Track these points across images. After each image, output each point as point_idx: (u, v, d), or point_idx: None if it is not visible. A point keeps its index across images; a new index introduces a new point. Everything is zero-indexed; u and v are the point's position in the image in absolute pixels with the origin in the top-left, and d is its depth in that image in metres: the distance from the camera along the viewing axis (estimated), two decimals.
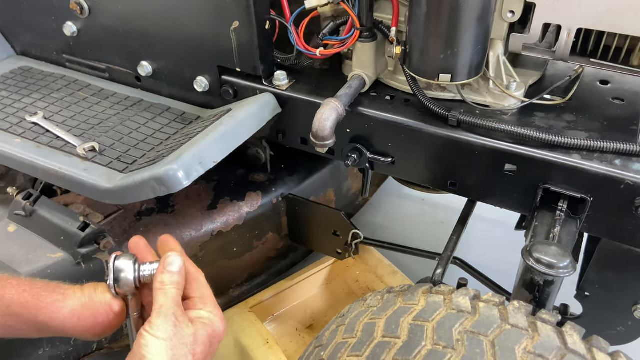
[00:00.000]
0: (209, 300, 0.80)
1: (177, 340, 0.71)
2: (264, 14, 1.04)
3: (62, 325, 0.78)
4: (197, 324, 0.76)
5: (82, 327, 0.78)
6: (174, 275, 0.77)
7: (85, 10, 1.23)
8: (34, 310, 0.77)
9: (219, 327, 0.78)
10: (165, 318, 0.72)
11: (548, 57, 0.95)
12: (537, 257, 0.77)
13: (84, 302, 0.78)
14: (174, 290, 0.76)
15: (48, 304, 0.77)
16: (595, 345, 0.71)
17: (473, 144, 0.93)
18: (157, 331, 0.70)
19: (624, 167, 0.84)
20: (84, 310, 0.78)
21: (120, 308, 0.79)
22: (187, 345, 0.72)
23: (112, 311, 0.79)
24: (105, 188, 1.01)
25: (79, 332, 0.79)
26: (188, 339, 0.73)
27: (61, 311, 0.77)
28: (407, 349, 0.71)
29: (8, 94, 1.31)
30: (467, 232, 1.19)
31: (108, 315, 0.78)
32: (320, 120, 0.92)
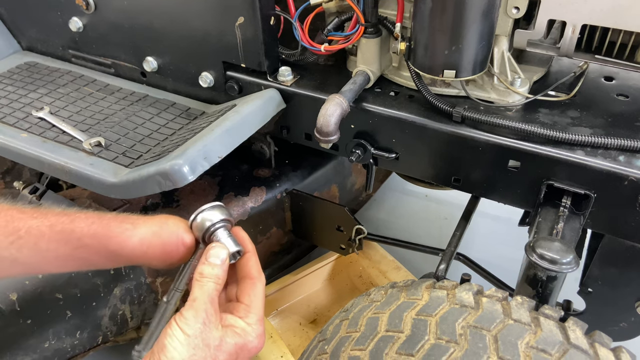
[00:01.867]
0: (254, 312, 0.76)
1: (201, 340, 0.69)
2: (268, 9, 1.04)
3: (131, 253, 0.77)
4: (228, 331, 0.73)
5: (152, 255, 0.78)
6: (215, 268, 0.74)
7: (91, 6, 1.23)
8: (105, 240, 0.77)
9: (252, 343, 0.74)
10: (196, 313, 0.70)
11: (553, 53, 0.95)
12: (540, 252, 0.78)
13: (154, 230, 0.77)
14: (211, 285, 0.73)
15: (118, 233, 0.77)
16: (598, 340, 0.72)
17: (477, 140, 0.93)
18: (185, 325, 0.69)
19: (628, 163, 0.84)
20: (154, 239, 0.77)
21: (191, 242, 0.78)
22: (210, 348, 0.70)
23: (182, 243, 0.78)
24: (111, 182, 1.01)
25: (147, 259, 0.78)
26: (213, 342, 0.70)
27: (131, 239, 0.76)
28: (410, 343, 0.72)
29: (14, 88, 1.32)
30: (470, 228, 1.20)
31: (178, 246, 0.78)
32: (325, 116, 0.92)
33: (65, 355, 1.23)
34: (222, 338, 0.71)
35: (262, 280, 0.80)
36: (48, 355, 1.19)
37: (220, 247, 0.77)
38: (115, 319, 1.27)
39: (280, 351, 1.25)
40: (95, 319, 1.24)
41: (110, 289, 1.24)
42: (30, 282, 1.13)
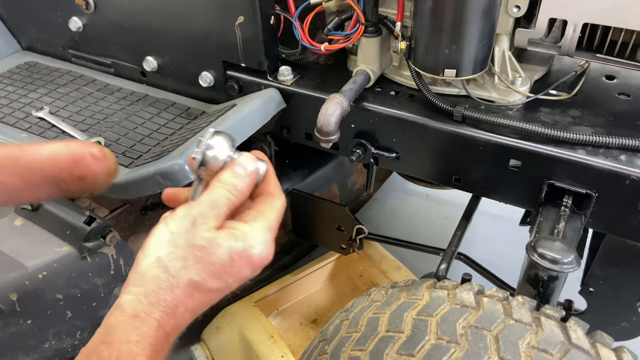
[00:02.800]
0: (263, 218, 0.66)
1: (184, 239, 0.61)
2: (268, 9, 1.04)
3: (42, 165, 0.75)
4: (223, 234, 0.62)
5: (61, 165, 0.75)
6: (236, 177, 0.65)
7: (91, 6, 1.23)
8: (17, 159, 0.76)
9: (254, 249, 0.63)
10: (187, 212, 0.62)
11: (554, 52, 0.95)
12: (541, 252, 0.77)
13: (64, 144, 0.76)
14: (222, 191, 0.64)
15: (30, 150, 0.76)
16: (599, 340, 0.71)
17: (478, 139, 0.93)
18: (171, 221, 0.62)
19: (630, 162, 0.83)
20: (63, 149, 0.75)
21: (100, 153, 0.75)
22: (194, 249, 0.60)
23: (90, 153, 0.74)
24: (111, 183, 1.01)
25: (57, 171, 0.76)
26: (200, 242, 0.61)
27: (41, 152, 0.75)
28: (410, 344, 0.72)
29: (14, 88, 1.32)
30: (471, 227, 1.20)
31: (85, 156, 0.74)
32: (325, 115, 0.92)
33: (66, 356, 1.23)
34: (212, 239, 0.61)
35: (281, 198, 0.69)
36: (48, 355, 1.19)
37: (250, 158, 0.67)
38: None
39: (280, 351, 1.25)
40: (95, 319, 1.24)
41: (111, 289, 1.24)
42: (30, 282, 1.13)
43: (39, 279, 1.13)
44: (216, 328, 1.37)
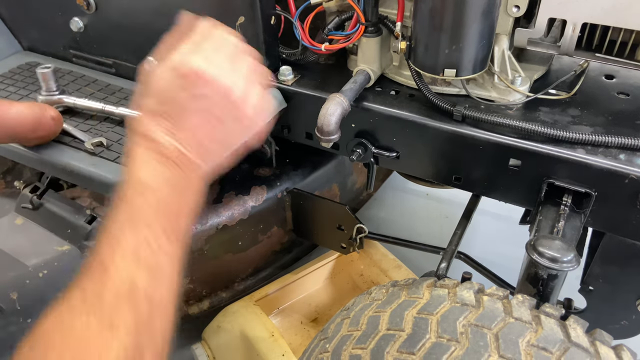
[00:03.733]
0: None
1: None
2: (269, 9, 1.04)
3: (10, 123, 0.96)
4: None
5: (26, 123, 0.98)
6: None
7: (92, 6, 1.23)
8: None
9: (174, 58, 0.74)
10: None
11: (553, 51, 0.95)
12: (541, 251, 0.78)
13: (28, 105, 0.99)
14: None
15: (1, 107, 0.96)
16: (599, 338, 0.72)
17: (478, 138, 0.93)
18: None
19: (629, 161, 0.84)
20: (27, 110, 0.98)
21: (57, 114, 1.04)
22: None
23: (50, 115, 1.02)
24: (113, 182, 1.01)
25: (23, 129, 0.99)
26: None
27: (10, 111, 0.96)
28: (411, 342, 0.72)
29: (16, 89, 1.32)
30: (471, 226, 1.20)
31: (46, 117, 1.01)
32: (326, 115, 0.93)
33: None
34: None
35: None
36: None
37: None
38: None
39: (281, 350, 1.25)
40: None
41: None
42: (30, 281, 1.13)
43: (40, 278, 1.13)
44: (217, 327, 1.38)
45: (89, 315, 0.57)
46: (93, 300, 0.59)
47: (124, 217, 0.65)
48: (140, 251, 0.62)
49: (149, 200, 0.66)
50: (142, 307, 0.60)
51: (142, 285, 0.61)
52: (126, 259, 0.61)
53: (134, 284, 0.60)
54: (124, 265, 0.61)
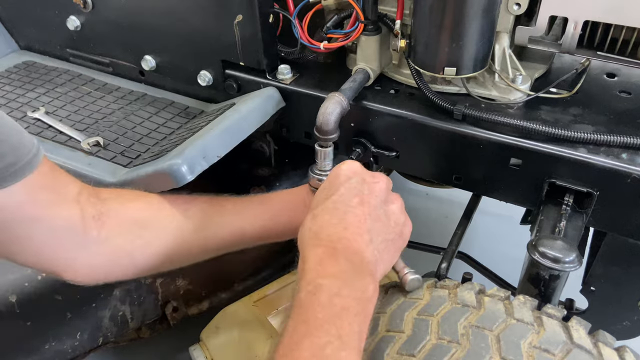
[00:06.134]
0: None
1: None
2: (267, 7, 1.03)
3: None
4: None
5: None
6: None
7: (89, 4, 1.23)
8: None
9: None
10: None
11: (554, 50, 0.94)
12: (542, 251, 0.77)
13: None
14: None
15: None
16: (601, 339, 0.71)
17: (478, 137, 0.92)
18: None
19: (631, 161, 0.83)
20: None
21: None
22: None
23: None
24: (109, 182, 1.01)
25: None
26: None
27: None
28: (411, 344, 0.71)
29: (12, 88, 1.32)
30: (471, 226, 1.19)
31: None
32: (324, 114, 0.92)
33: (66, 357, 1.22)
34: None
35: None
36: (48, 357, 1.19)
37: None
38: (115, 320, 1.27)
39: None
40: (95, 320, 1.24)
41: (110, 290, 1.24)
42: (29, 284, 1.12)
43: (38, 281, 1.13)
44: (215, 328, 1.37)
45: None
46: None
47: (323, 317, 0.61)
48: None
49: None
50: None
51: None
52: None
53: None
54: None
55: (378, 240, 0.73)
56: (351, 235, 0.70)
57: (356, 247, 0.69)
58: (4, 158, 0.67)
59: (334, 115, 0.92)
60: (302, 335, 0.59)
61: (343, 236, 0.70)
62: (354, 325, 0.61)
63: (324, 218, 0.72)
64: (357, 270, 0.67)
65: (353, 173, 0.78)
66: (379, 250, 0.73)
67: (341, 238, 0.69)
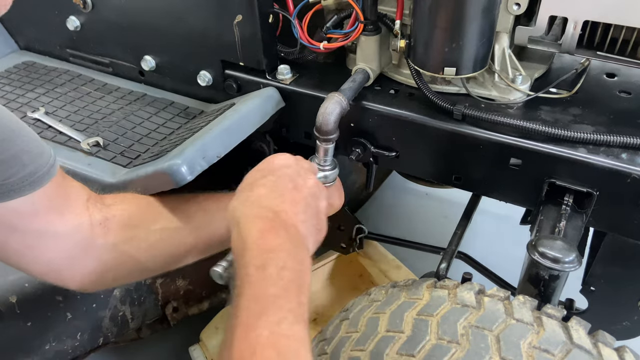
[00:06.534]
0: None
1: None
2: (267, 7, 1.03)
3: None
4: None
5: None
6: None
7: (89, 5, 1.23)
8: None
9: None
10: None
11: (554, 50, 0.94)
12: (542, 251, 0.77)
13: None
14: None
15: None
16: (601, 340, 0.71)
17: (478, 137, 0.92)
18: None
19: (631, 161, 0.83)
20: None
21: None
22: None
23: None
24: (109, 183, 1.01)
25: None
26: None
27: None
28: (411, 344, 0.71)
29: (12, 88, 1.32)
30: (471, 226, 1.19)
31: None
32: (324, 114, 0.92)
33: (66, 357, 1.22)
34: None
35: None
36: (49, 357, 1.19)
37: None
38: (115, 320, 1.27)
39: None
40: (95, 320, 1.24)
41: (110, 291, 1.24)
42: (29, 284, 1.12)
43: (39, 281, 1.13)
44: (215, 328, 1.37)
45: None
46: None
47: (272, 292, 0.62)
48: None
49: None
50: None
51: None
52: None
53: None
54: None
55: (309, 223, 0.75)
56: (289, 208, 0.72)
57: (292, 221, 0.72)
58: (26, 167, 0.69)
59: (334, 115, 0.92)
60: (257, 314, 0.59)
61: (282, 209, 0.72)
62: (300, 297, 0.63)
63: (262, 191, 0.75)
64: (294, 242, 0.69)
65: (289, 164, 0.81)
66: (309, 232, 0.75)
67: (280, 210, 0.71)
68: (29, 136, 0.71)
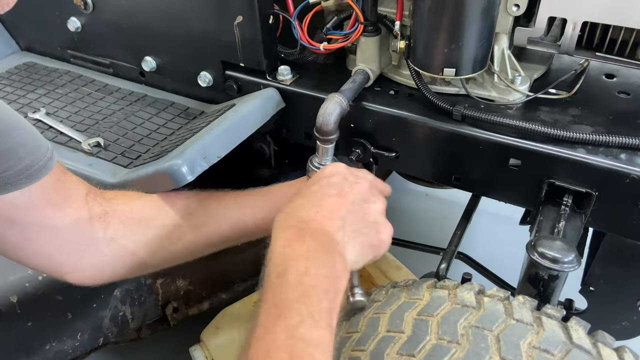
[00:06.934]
0: None
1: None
2: (267, 8, 1.03)
3: None
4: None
5: None
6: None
7: (89, 6, 1.23)
8: None
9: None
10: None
11: (553, 50, 0.94)
12: (541, 251, 0.77)
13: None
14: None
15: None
16: (601, 340, 0.71)
17: (477, 138, 0.92)
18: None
19: (630, 161, 0.83)
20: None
21: None
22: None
23: None
24: (110, 183, 1.01)
25: None
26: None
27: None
28: (411, 344, 0.71)
29: (13, 89, 1.32)
30: (471, 226, 1.19)
31: None
32: (324, 115, 0.92)
33: (67, 357, 1.22)
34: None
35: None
36: (49, 357, 1.19)
37: None
38: (116, 321, 1.27)
39: None
40: (96, 320, 1.24)
41: (111, 291, 1.24)
42: (30, 284, 1.13)
43: (39, 281, 1.13)
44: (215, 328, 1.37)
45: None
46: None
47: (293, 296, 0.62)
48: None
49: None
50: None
51: None
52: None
53: None
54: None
55: (350, 228, 0.74)
56: (322, 219, 0.72)
57: (325, 229, 0.71)
58: (22, 161, 0.69)
59: (334, 115, 0.92)
60: (275, 318, 0.60)
61: (314, 218, 0.72)
62: (323, 303, 0.63)
63: (299, 202, 0.75)
64: (324, 248, 0.69)
65: (337, 172, 0.81)
66: (349, 237, 0.74)
67: (312, 220, 0.71)
68: (25, 129, 0.71)
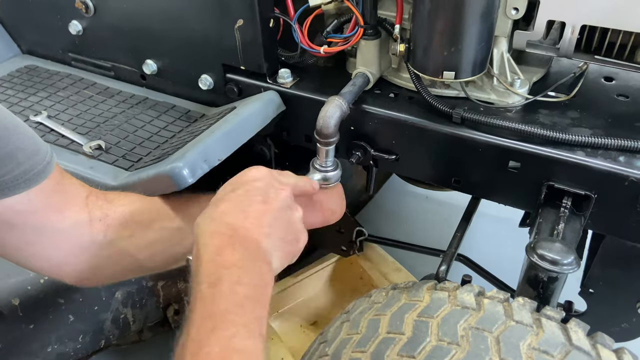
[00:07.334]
0: None
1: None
2: (268, 12, 1.04)
3: None
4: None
5: None
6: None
7: (91, 9, 1.23)
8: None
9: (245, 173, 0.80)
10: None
11: (552, 54, 0.95)
12: (541, 253, 0.77)
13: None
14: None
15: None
16: (600, 341, 0.71)
17: (477, 141, 0.93)
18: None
19: (628, 163, 0.84)
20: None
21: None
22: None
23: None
24: (112, 186, 1.01)
25: None
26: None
27: None
28: (411, 345, 0.72)
29: (14, 92, 1.32)
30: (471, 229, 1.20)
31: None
32: (325, 117, 0.92)
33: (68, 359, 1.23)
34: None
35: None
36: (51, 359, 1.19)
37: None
38: (117, 323, 1.27)
39: (281, 353, 1.24)
40: (97, 323, 1.24)
41: (112, 293, 1.24)
42: (32, 287, 1.13)
43: (41, 284, 1.13)
44: None
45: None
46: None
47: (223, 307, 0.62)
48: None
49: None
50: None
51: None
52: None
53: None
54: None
55: (276, 237, 0.75)
56: (250, 225, 0.72)
57: (254, 237, 0.71)
58: (20, 166, 0.69)
59: (334, 118, 0.92)
60: (209, 330, 0.59)
61: (242, 225, 0.71)
62: (256, 312, 0.63)
63: (225, 206, 0.74)
64: (253, 257, 0.69)
65: (261, 177, 0.80)
66: (275, 246, 0.74)
67: (240, 227, 0.71)
68: (24, 134, 0.71)
